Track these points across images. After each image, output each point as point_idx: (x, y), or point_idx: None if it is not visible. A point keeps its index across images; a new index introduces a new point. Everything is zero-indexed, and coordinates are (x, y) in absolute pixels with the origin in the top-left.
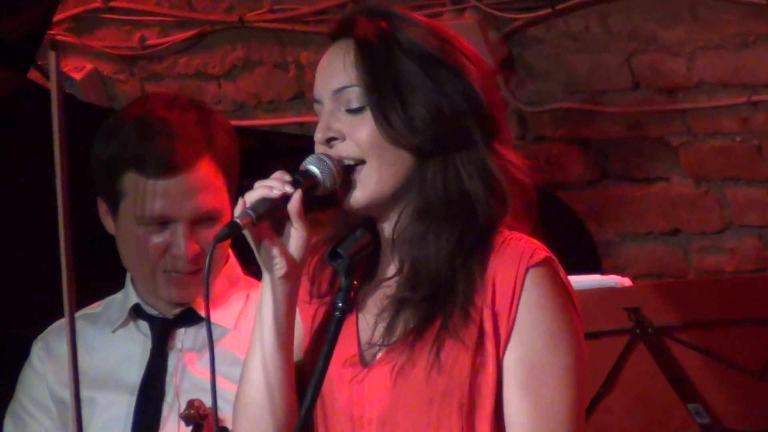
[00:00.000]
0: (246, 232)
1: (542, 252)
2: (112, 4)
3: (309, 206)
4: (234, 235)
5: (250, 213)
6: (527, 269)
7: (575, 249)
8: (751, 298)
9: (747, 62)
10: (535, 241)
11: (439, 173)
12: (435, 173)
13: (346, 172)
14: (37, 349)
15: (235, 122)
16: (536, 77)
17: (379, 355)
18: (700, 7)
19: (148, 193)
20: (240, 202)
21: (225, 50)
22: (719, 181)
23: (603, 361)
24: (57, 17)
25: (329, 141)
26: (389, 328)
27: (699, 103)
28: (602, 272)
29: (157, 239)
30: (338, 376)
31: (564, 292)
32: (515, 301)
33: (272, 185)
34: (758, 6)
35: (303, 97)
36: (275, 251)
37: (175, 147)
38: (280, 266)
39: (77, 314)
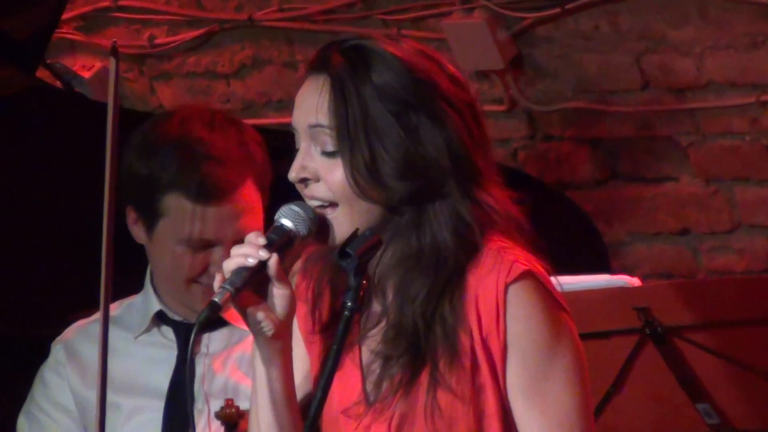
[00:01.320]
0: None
1: (520, 265)
2: (121, 2)
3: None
4: (215, 315)
5: (229, 288)
6: (506, 285)
7: (584, 249)
8: (762, 298)
9: (756, 62)
10: (514, 252)
11: (412, 224)
12: (408, 224)
13: (324, 217)
14: (56, 352)
15: (244, 121)
16: (545, 77)
17: (378, 401)
18: (710, 7)
19: (192, 217)
20: (218, 277)
21: (234, 49)
22: (729, 181)
23: (612, 361)
24: (66, 15)
25: (303, 181)
26: (375, 385)
27: (708, 102)
28: (611, 272)
29: (196, 259)
30: (344, 422)
31: (548, 298)
32: (501, 319)
33: (247, 253)
34: (767, 6)
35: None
36: (260, 315)
37: (220, 173)
38: (267, 328)
39: (94, 317)
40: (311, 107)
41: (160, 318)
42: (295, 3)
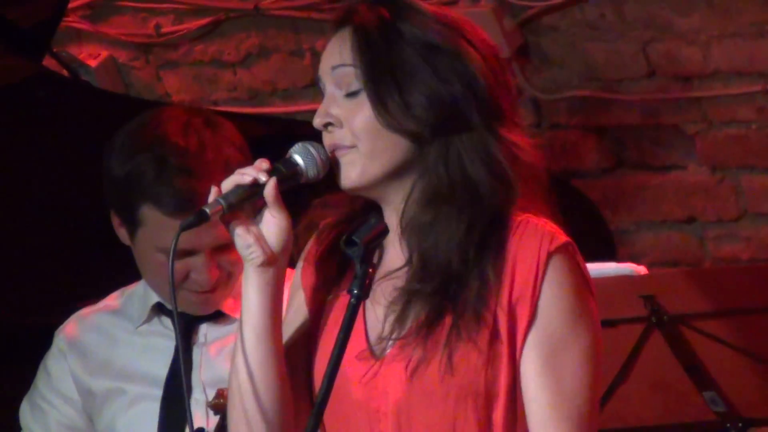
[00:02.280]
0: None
1: (562, 237)
2: None
3: (299, 193)
4: (201, 223)
5: (221, 201)
6: (549, 254)
7: (591, 237)
8: (767, 286)
9: (763, 51)
10: (554, 225)
11: (441, 159)
12: (437, 159)
13: (336, 158)
14: (59, 341)
15: (250, 110)
16: (552, 65)
17: (391, 348)
18: None
19: (168, 229)
20: (213, 190)
21: (240, 38)
22: (735, 169)
23: (619, 349)
24: (72, 4)
25: (326, 126)
26: (399, 321)
27: (714, 91)
28: (618, 260)
29: (178, 266)
30: (352, 371)
31: (583, 276)
32: (537, 286)
33: (246, 172)
34: None
35: (317, 84)
36: (250, 239)
37: (193, 186)
38: (256, 255)
39: (97, 306)
40: (334, 52)
41: (160, 308)
42: None
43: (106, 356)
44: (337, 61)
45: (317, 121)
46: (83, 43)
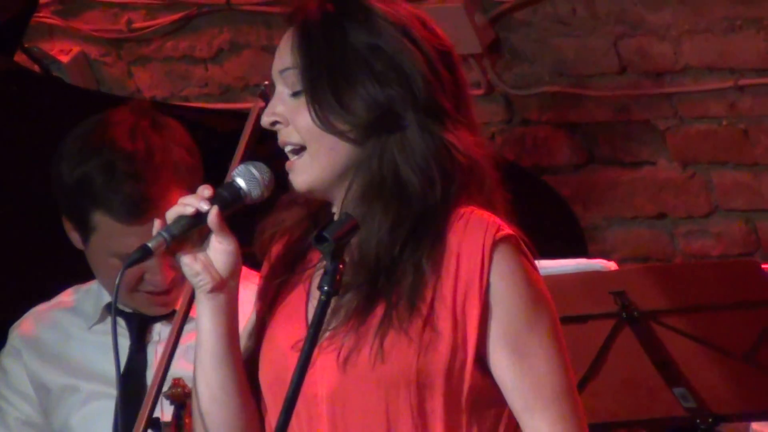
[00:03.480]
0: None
1: (506, 228)
2: None
3: (248, 213)
4: (144, 259)
5: (164, 235)
6: (494, 243)
7: (561, 233)
8: (737, 282)
9: (734, 46)
10: (492, 216)
11: (376, 157)
12: (371, 158)
13: (285, 164)
14: (13, 338)
15: (222, 105)
16: (523, 61)
17: (326, 338)
18: None
19: (120, 234)
20: (156, 223)
21: (212, 33)
22: (706, 165)
23: (589, 346)
24: (44, 0)
25: (274, 125)
26: (334, 312)
27: (686, 87)
28: (588, 256)
29: (133, 269)
30: (291, 357)
31: (529, 261)
32: (485, 273)
33: (187, 203)
34: None
35: None
36: (198, 267)
37: (142, 191)
38: (204, 281)
39: (52, 303)
40: (281, 55)
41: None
42: None
43: (60, 353)
44: (282, 64)
45: (264, 120)
46: (55, 38)
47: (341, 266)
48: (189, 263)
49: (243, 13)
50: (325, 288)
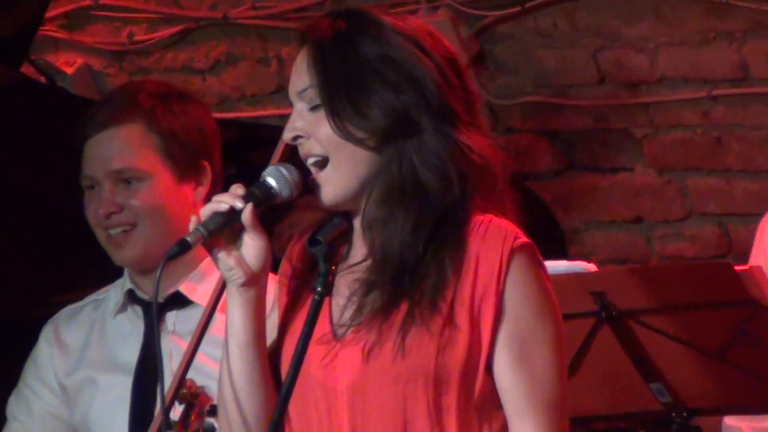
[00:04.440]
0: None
1: (523, 237)
2: (102, 1)
3: (277, 213)
4: (184, 253)
5: (201, 230)
6: (511, 252)
7: (543, 236)
8: (711, 283)
9: (707, 58)
10: (511, 224)
11: (395, 162)
12: (391, 162)
13: (309, 179)
14: (47, 332)
15: (218, 115)
16: (506, 72)
17: (350, 333)
18: (663, 4)
19: (84, 157)
20: (193, 219)
21: (209, 46)
22: (681, 171)
23: (570, 343)
24: (49, 14)
25: (295, 139)
26: (358, 309)
27: (661, 96)
28: (569, 258)
29: (92, 202)
30: (314, 353)
31: (544, 273)
32: (501, 280)
33: (222, 199)
34: (718, 3)
35: (284, 90)
36: (231, 262)
37: (102, 110)
38: (237, 276)
39: (84, 302)
40: (299, 73)
41: (132, 297)
42: (267, 1)
43: (83, 348)
44: (301, 85)
45: (286, 136)
46: (60, 51)
47: (333, 267)
48: (223, 258)
49: (239, 26)
50: (318, 289)
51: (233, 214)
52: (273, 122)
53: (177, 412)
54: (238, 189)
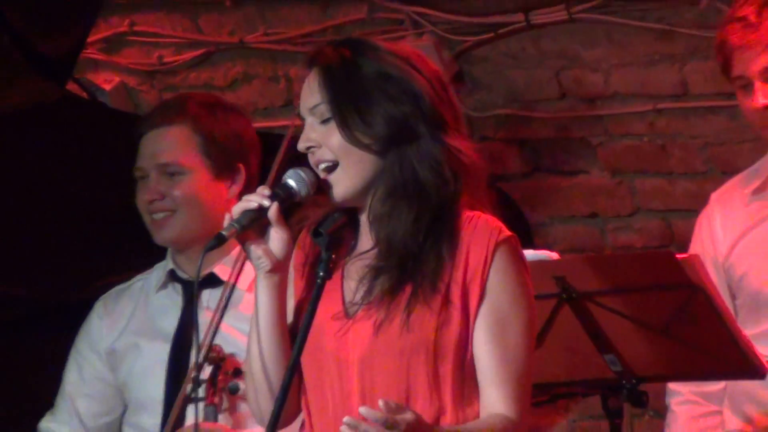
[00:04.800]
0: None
1: (505, 230)
2: (136, 28)
3: (294, 209)
4: (220, 245)
5: (235, 225)
6: (496, 244)
7: (513, 229)
8: (656, 269)
9: (653, 77)
10: (497, 219)
11: (397, 165)
12: (393, 165)
13: (322, 179)
14: (98, 307)
15: None
16: (481, 89)
17: (360, 311)
18: (615, 32)
19: (138, 152)
20: (227, 216)
21: (227, 66)
22: (630, 174)
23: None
24: (91, 39)
25: (309, 149)
26: (368, 290)
27: (614, 110)
28: (535, 248)
29: (142, 189)
30: (328, 327)
31: (523, 263)
32: (486, 269)
33: (252, 198)
34: (662, 31)
35: (291, 104)
36: (260, 252)
37: (159, 109)
38: (264, 263)
39: (130, 282)
40: (310, 93)
41: (173, 276)
42: (278, 28)
43: (129, 320)
44: (312, 102)
45: (301, 146)
46: (99, 71)
47: (333, 255)
48: (253, 249)
49: (253, 50)
50: (321, 273)
51: (261, 211)
52: (281, 132)
53: (206, 373)
54: (264, 189)
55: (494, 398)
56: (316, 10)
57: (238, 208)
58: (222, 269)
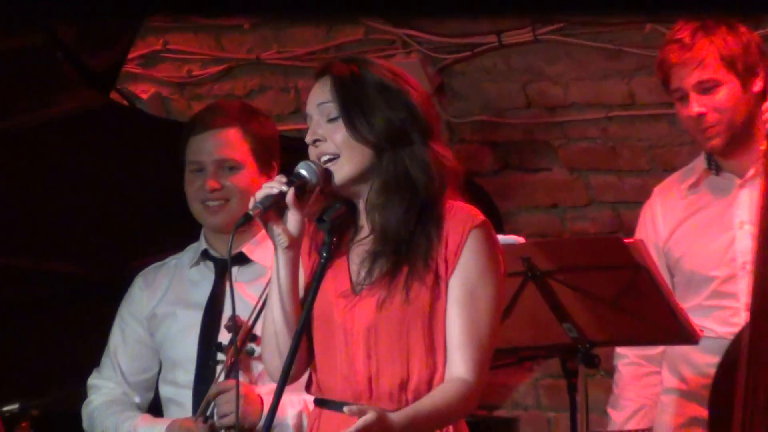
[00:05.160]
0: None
1: (480, 216)
2: (169, 46)
3: (307, 194)
4: (248, 222)
5: (259, 206)
6: (471, 227)
7: (486, 217)
8: (607, 251)
9: (606, 89)
10: (475, 208)
11: (391, 163)
12: (388, 162)
13: (327, 169)
14: (138, 280)
15: None
16: (460, 99)
17: (365, 290)
18: (574, 51)
19: (190, 148)
20: (252, 199)
21: (246, 79)
22: (586, 171)
23: (505, 295)
24: (130, 55)
25: (315, 142)
26: (369, 272)
27: (572, 117)
28: (504, 233)
29: (196, 180)
30: (336, 303)
31: (494, 244)
32: (461, 249)
33: (272, 185)
34: (613, 50)
35: (299, 112)
36: (279, 230)
37: (210, 113)
38: (283, 240)
39: (167, 260)
40: (318, 94)
41: (205, 255)
42: (288, 47)
43: (167, 290)
44: (321, 99)
45: (308, 138)
46: (137, 82)
47: (334, 239)
48: (273, 227)
49: (267, 65)
50: (324, 255)
51: (280, 195)
52: (291, 135)
53: (227, 337)
54: (282, 177)
55: (457, 360)
56: (321, 32)
57: (260, 193)
58: (249, 249)
